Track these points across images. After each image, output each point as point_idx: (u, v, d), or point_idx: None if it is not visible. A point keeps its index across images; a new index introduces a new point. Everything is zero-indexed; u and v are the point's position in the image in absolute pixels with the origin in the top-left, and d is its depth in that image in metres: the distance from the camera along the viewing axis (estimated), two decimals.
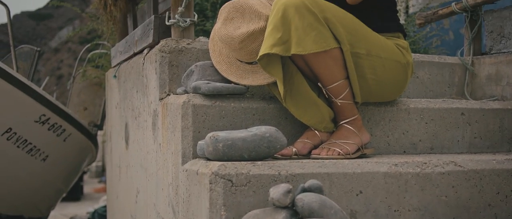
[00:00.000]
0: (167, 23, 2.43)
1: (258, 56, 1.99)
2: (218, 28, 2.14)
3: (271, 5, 2.11)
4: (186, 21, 2.40)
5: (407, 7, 6.04)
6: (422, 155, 2.24)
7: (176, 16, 2.39)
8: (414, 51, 4.67)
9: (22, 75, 4.37)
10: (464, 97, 2.79)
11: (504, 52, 2.75)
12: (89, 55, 6.78)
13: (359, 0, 2.16)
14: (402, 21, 5.30)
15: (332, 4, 2.06)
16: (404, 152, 2.32)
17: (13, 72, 4.02)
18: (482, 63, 2.82)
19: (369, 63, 2.09)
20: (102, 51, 6.36)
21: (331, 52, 2.00)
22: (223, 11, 2.15)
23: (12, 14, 4.75)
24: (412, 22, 4.97)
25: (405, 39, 2.31)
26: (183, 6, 2.38)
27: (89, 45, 6.88)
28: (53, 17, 56.90)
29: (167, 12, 2.47)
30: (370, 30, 2.13)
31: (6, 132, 4.12)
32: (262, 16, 2.08)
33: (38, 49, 5.36)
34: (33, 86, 4.18)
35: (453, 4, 2.93)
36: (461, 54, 2.93)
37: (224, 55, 2.20)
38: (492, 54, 2.82)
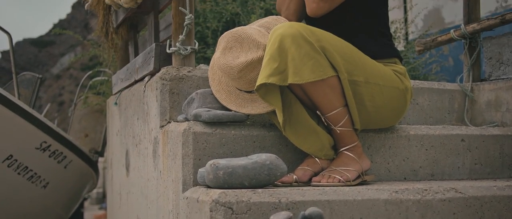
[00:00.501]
0: (168, 51, 2.45)
1: (256, 87, 2.00)
2: (217, 57, 2.15)
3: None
4: (187, 49, 2.41)
5: (406, 33, 6.07)
6: (422, 182, 2.24)
7: (177, 44, 2.41)
8: (413, 77, 4.69)
9: (24, 102, 4.38)
10: (464, 123, 2.79)
11: (503, 79, 2.76)
12: (90, 82, 6.79)
13: (320, 14, 2.17)
14: (402, 48, 5.31)
15: (329, 33, 2.07)
16: (405, 178, 2.32)
17: (15, 99, 4.03)
18: (481, 89, 2.82)
19: (367, 91, 2.10)
20: (104, 78, 6.38)
21: (329, 81, 2.01)
22: (222, 41, 2.16)
23: (14, 41, 4.77)
24: (412, 49, 4.99)
25: (402, 64, 2.31)
26: (183, 34, 2.40)
27: (90, 72, 6.90)
28: (55, 44, 57.20)
29: (168, 40, 2.49)
30: (368, 58, 2.15)
31: (7, 158, 4.11)
32: (260, 45, 2.09)
33: (40, 76, 5.37)
34: (35, 113, 4.18)
35: (451, 31, 2.95)
36: (461, 81, 2.94)
37: (224, 83, 2.21)
38: (491, 80, 2.83)
